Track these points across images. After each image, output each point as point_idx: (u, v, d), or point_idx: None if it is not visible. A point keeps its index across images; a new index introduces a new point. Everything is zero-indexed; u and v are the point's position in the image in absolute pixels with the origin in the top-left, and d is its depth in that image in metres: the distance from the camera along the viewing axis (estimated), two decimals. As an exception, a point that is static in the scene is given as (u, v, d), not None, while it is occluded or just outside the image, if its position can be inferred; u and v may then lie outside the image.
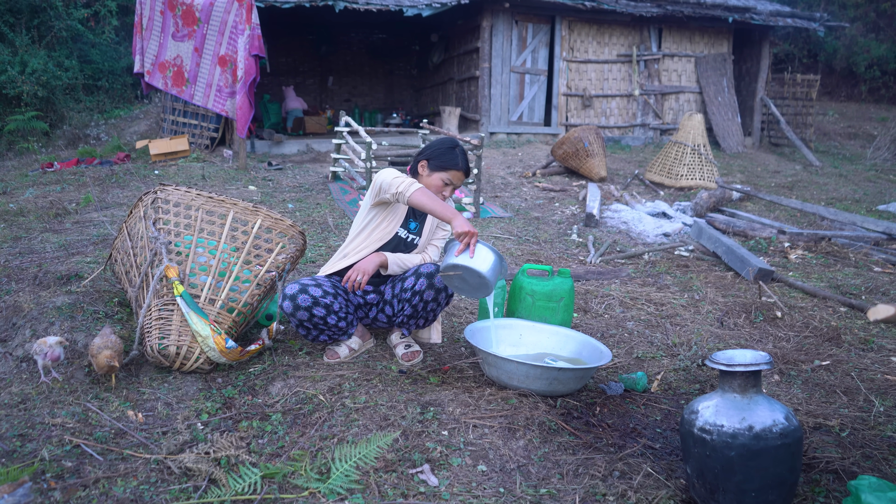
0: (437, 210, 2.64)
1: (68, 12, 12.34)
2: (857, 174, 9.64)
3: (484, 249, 2.59)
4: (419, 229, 3.08)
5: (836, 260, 5.01)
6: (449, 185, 2.96)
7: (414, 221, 3.08)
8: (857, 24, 15.63)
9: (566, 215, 6.40)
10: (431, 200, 2.66)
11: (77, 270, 3.69)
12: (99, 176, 7.35)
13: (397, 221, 3.02)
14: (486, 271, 2.55)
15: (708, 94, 11.53)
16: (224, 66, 7.99)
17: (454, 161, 2.95)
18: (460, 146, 3.03)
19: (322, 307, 2.84)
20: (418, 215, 3.08)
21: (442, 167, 2.94)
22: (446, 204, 2.69)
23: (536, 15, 10.72)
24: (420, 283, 2.87)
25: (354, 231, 3.07)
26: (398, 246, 3.04)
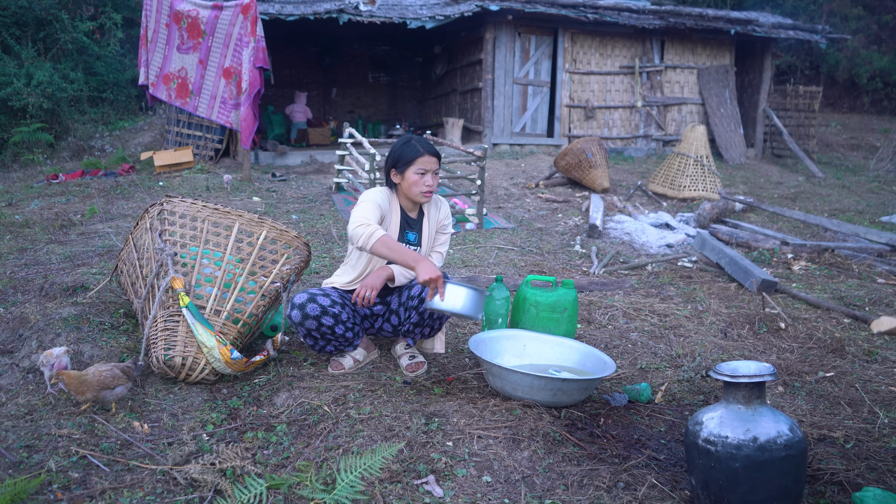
0: (399, 260, 2.63)
1: (74, 25, 12.43)
2: (860, 185, 9.65)
3: (453, 289, 2.60)
4: (418, 239, 3.07)
5: (839, 271, 5.01)
6: (424, 174, 2.90)
7: (411, 232, 3.05)
8: (859, 35, 15.68)
9: (569, 226, 6.41)
10: (391, 251, 2.64)
11: (83, 282, 3.71)
12: (104, 187, 7.38)
13: (392, 235, 2.98)
14: (458, 309, 2.60)
15: (710, 105, 11.56)
16: (229, 77, 8.04)
17: (415, 151, 2.90)
18: (415, 137, 2.99)
19: (330, 317, 2.84)
20: (414, 225, 3.06)
21: (408, 163, 2.89)
22: (407, 251, 2.64)
23: (539, 27, 10.77)
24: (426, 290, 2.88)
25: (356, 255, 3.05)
26: None
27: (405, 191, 2.95)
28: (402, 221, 3.01)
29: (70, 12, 12.67)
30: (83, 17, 12.82)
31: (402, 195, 2.99)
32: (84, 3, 13.21)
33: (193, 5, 8.21)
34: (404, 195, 2.98)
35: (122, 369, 2.57)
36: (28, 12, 11.90)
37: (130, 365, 2.64)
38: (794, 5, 16.04)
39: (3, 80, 10.96)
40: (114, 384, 2.51)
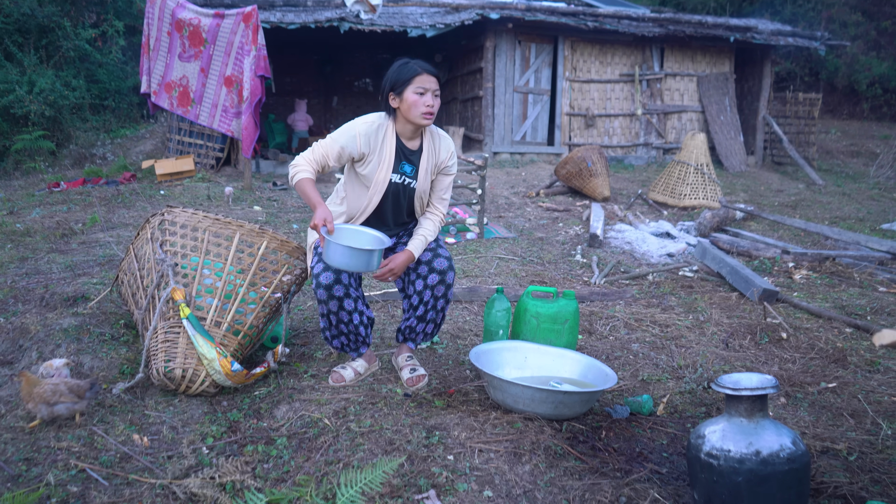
0: (307, 202, 2.70)
1: (76, 32, 12.47)
2: (861, 193, 9.65)
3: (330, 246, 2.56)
4: (415, 172, 2.92)
5: (840, 280, 5.00)
6: (423, 93, 2.76)
7: (408, 164, 2.90)
8: (858, 42, 15.73)
9: (570, 235, 6.41)
10: (302, 194, 2.72)
11: (83, 292, 3.71)
12: (105, 196, 7.39)
13: (387, 167, 2.86)
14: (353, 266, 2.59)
15: (710, 113, 11.58)
16: (230, 86, 8.06)
17: (412, 70, 2.77)
18: (411, 59, 2.90)
19: (352, 300, 2.85)
20: (412, 157, 2.91)
21: (406, 83, 2.76)
22: (312, 198, 2.66)
23: (539, 35, 10.80)
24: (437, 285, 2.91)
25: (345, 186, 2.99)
26: (396, 193, 2.92)
27: (405, 114, 2.80)
28: (398, 152, 2.88)
29: (72, 20, 12.71)
30: (85, 25, 12.86)
31: (401, 121, 2.85)
32: (86, 11, 13.25)
33: (195, 13, 8.23)
34: (404, 120, 2.83)
35: (71, 387, 2.47)
36: (31, 19, 11.94)
37: (82, 384, 2.51)
38: (793, 12, 16.09)
39: (5, 88, 10.98)
40: (54, 400, 2.42)
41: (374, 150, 2.83)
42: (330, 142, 2.83)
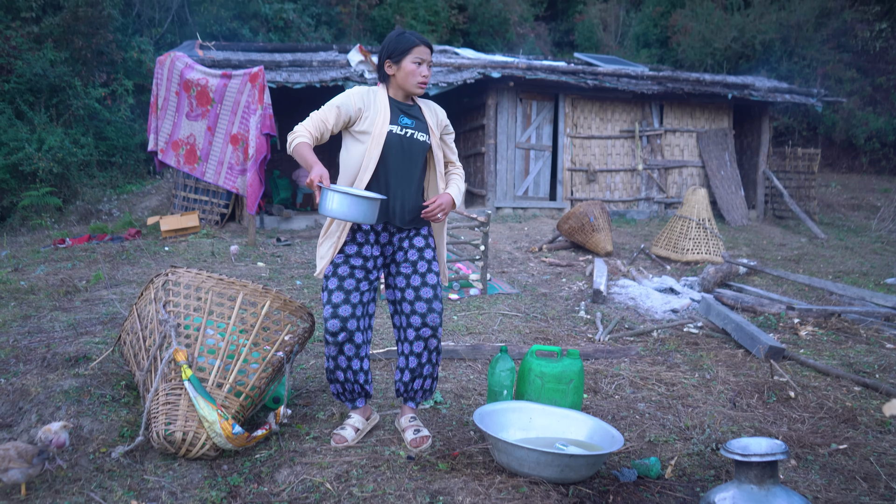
0: (303, 164, 2.71)
1: (86, 91, 12.74)
2: (863, 246, 9.66)
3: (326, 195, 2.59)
4: (416, 125, 2.96)
5: (847, 336, 4.96)
6: (420, 63, 2.88)
7: (406, 117, 2.94)
8: (854, 97, 15.97)
9: (573, 291, 6.40)
10: (299, 157, 2.73)
11: (85, 352, 3.69)
12: (109, 252, 7.42)
13: (384, 118, 2.88)
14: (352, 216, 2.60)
15: (711, 167, 11.69)
16: (236, 144, 8.18)
17: (411, 41, 2.89)
18: (407, 30, 3.01)
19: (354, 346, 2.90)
20: (409, 111, 2.96)
21: (404, 52, 2.86)
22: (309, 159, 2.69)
23: (540, 93, 11.00)
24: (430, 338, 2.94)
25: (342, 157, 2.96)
26: (400, 147, 2.90)
27: (401, 82, 2.91)
28: (394, 108, 2.93)
29: (83, 79, 13.01)
30: (95, 84, 13.16)
31: (394, 87, 2.95)
32: (97, 71, 13.57)
33: (203, 74, 8.42)
34: (398, 86, 2.93)
35: (20, 451, 2.42)
36: (42, 79, 12.22)
37: (30, 448, 2.45)
38: (789, 69, 16.40)
39: (15, 146, 11.16)
40: (3, 466, 2.38)
41: (368, 106, 2.89)
42: (326, 106, 2.87)
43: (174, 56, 8.75)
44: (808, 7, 16.45)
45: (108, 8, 13.06)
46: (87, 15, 12.80)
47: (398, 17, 17.66)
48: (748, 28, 16.80)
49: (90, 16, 12.85)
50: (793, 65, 16.54)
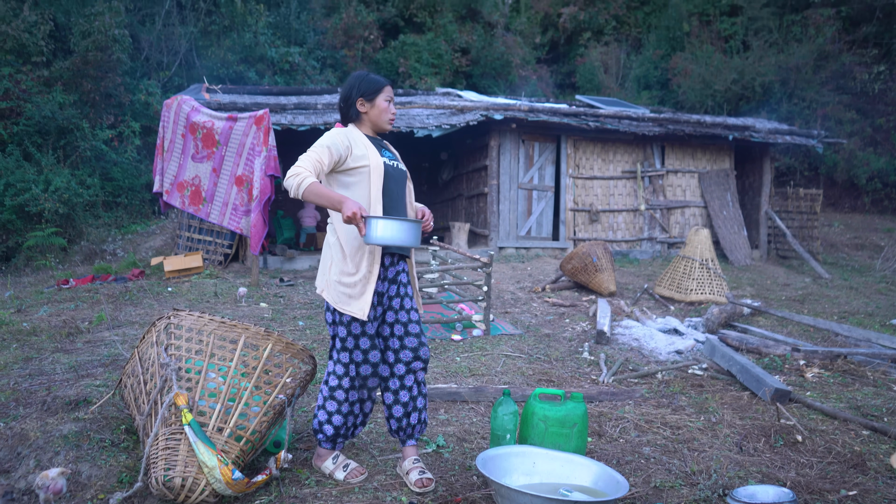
0: (328, 203, 2.70)
1: (94, 133, 12.92)
2: (868, 286, 9.63)
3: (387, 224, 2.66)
4: (394, 157, 3.12)
5: (853, 378, 4.91)
6: (389, 101, 3.04)
7: (387, 150, 3.10)
8: (855, 138, 16.08)
9: (577, 332, 6.37)
10: (320, 196, 2.71)
11: (86, 395, 3.67)
12: (113, 293, 7.43)
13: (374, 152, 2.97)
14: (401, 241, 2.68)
15: (713, 208, 11.74)
16: (240, 185, 8.25)
17: (380, 81, 3.04)
18: (370, 72, 3.12)
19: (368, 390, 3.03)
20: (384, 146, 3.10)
21: (377, 91, 3.00)
22: (333, 194, 2.71)
23: (542, 134, 11.12)
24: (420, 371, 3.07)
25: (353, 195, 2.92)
26: (394, 178, 3.01)
27: (374, 119, 3.03)
28: (373, 143, 3.03)
29: (91, 121, 13.20)
30: (103, 126, 13.34)
31: (366, 125, 3.06)
32: (105, 113, 13.78)
33: (209, 117, 8.54)
34: (371, 123, 3.05)
35: None
36: (51, 122, 12.40)
37: None
38: (790, 110, 16.56)
39: (22, 187, 11.28)
40: None
41: (354, 144, 2.95)
42: (316, 147, 2.87)
43: (181, 99, 8.89)
44: (806, 50, 16.68)
45: (118, 52, 13.32)
46: (96, 59, 13.05)
47: (402, 59, 17.96)
48: (748, 70, 17.02)
49: (99, 60, 13.10)
50: (793, 106, 16.71)
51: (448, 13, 19.60)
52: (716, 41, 18.89)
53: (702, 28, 19.31)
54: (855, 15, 17.48)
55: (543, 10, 22.33)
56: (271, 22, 16.98)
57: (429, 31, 18.92)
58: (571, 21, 21.47)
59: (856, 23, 17.62)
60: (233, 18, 16.26)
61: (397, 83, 18.03)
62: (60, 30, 14.00)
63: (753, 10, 18.40)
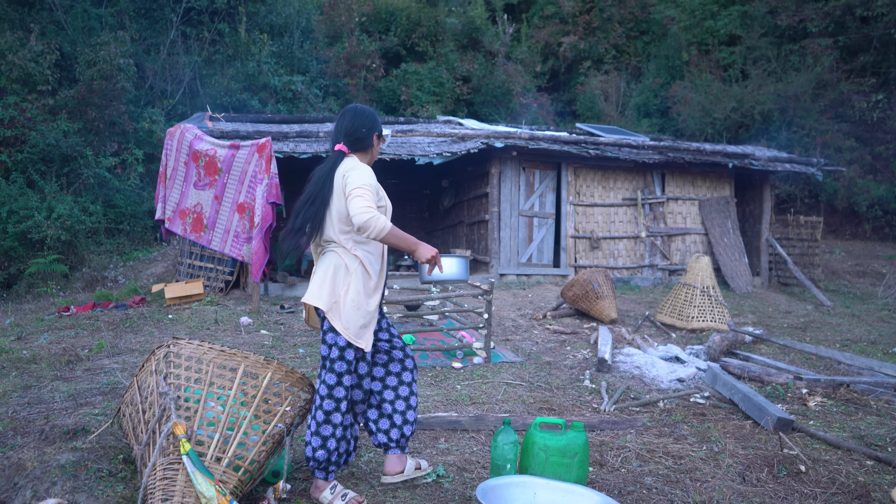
0: (404, 246, 2.98)
1: (97, 160, 13.02)
2: (870, 314, 9.60)
3: (447, 261, 3.18)
4: None
5: (857, 407, 4.88)
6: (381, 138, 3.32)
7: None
8: (854, 166, 16.15)
9: (578, 359, 6.35)
10: (398, 239, 2.95)
11: (84, 424, 3.65)
12: (113, 320, 7.43)
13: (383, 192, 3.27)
14: (454, 276, 3.21)
15: (714, 235, 11.75)
16: (242, 212, 8.29)
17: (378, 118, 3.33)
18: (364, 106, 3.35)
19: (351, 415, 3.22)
20: None
21: (380, 127, 3.28)
22: (409, 237, 3.00)
23: (542, 162, 11.18)
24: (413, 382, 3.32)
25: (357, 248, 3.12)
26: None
27: (374, 155, 3.30)
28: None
29: (95, 149, 13.31)
30: (106, 153, 13.45)
31: (367, 158, 3.26)
32: (108, 140, 13.89)
33: (212, 145, 8.60)
34: (369, 158, 3.27)
35: None
36: (55, 149, 12.50)
37: None
38: (789, 138, 16.66)
39: (24, 214, 11.34)
40: None
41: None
42: (368, 187, 2.97)
43: (184, 128, 8.97)
44: (804, 79, 16.82)
45: (122, 81, 13.47)
46: (101, 88, 13.20)
47: (404, 87, 18.13)
48: (747, 99, 17.16)
49: (104, 89, 13.25)
50: (792, 134, 16.81)
51: (449, 42, 19.83)
52: (715, 70, 19.07)
53: (701, 57, 19.51)
54: (852, 45, 17.67)
55: (544, 40, 22.58)
56: (274, 51, 17.18)
57: (430, 59, 19.12)
58: (572, 50, 21.70)
59: (853, 52, 17.79)
60: (237, 48, 16.46)
61: (399, 111, 18.18)
62: (66, 59, 14.18)
63: (752, 40, 18.60)
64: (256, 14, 17.39)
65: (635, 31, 22.28)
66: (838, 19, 17.74)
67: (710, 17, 19.85)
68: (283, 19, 18.05)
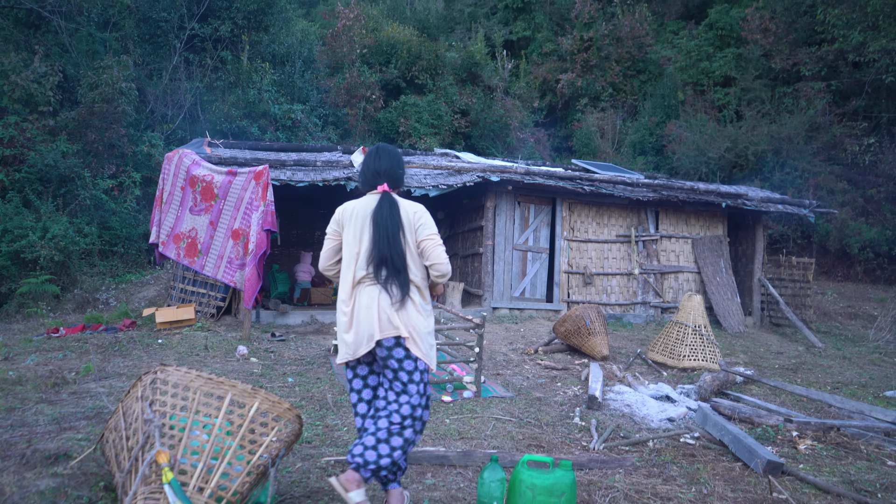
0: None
1: (95, 182, 13.03)
2: (861, 357, 9.60)
3: None
4: None
5: (847, 452, 4.86)
6: None
7: None
8: (846, 208, 16.29)
9: (568, 396, 6.32)
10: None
11: (66, 449, 3.61)
12: (102, 343, 7.38)
13: None
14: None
15: (706, 274, 11.79)
16: (237, 239, 8.29)
17: None
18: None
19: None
20: None
21: None
22: None
23: (538, 197, 11.25)
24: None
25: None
26: None
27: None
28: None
29: (92, 170, 13.33)
30: (104, 175, 13.47)
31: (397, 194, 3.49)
32: (107, 163, 13.92)
33: (209, 171, 8.64)
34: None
35: None
36: (53, 170, 12.52)
37: None
38: (782, 179, 16.81)
39: (19, 233, 11.30)
40: None
41: None
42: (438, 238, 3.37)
43: (182, 153, 9.01)
44: (797, 121, 17.05)
45: (124, 105, 13.56)
46: (102, 110, 13.28)
47: (402, 119, 18.29)
48: (741, 139, 17.35)
49: (105, 111, 13.33)
50: (785, 175, 16.97)
51: (449, 76, 20.06)
52: (710, 110, 19.32)
53: (696, 97, 19.77)
54: (844, 89, 17.95)
55: (542, 76, 22.87)
56: (276, 80, 17.35)
57: (430, 92, 19.33)
58: (569, 87, 21.98)
59: (846, 96, 18.07)
60: (238, 75, 16.61)
61: (397, 142, 18.32)
62: (69, 81, 14.28)
63: (746, 82, 18.89)
64: (259, 43, 17.59)
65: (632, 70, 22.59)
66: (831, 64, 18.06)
67: (706, 58, 20.18)
68: (285, 49, 18.25)
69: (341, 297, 3.31)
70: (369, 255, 3.23)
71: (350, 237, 3.32)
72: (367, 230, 3.26)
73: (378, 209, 3.27)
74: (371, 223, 3.25)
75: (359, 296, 3.23)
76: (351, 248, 3.30)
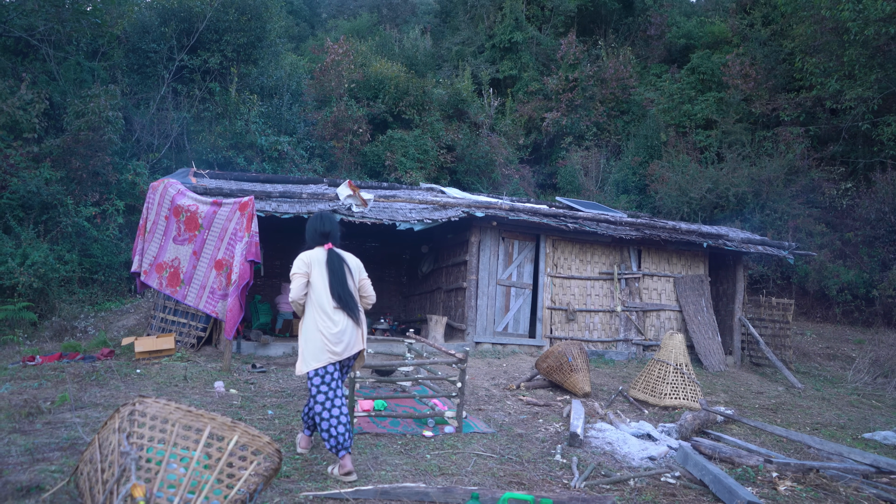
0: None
1: (77, 210, 12.96)
2: (840, 398, 9.67)
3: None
4: None
5: (826, 494, 4.87)
6: None
7: None
8: (825, 250, 16.54)
9: (550, 433, 6.29)
10: None
11: (39, 481, 3.54)
12: (79, 372, 7.27)
13: None
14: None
15: (688, 312, 11.88)
16: (220, 269, 8.26)
17: None
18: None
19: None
20: None
21: None
22: None
23: (522, 233, 11.33)
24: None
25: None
26: None
27: None
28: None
29: (76, 198, 13.26)
30: (87, 203, 13.39)
31: None
32: (90, 190, 13.85)
33: (194, 201, 8.64)
34: None
35: None
36: (35, 197, 12.45)
37: None
38: (762, 220, 17.08)
39: (-3, 260, 11.19)
40: None
41: None
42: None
43: (167, 182, 9.01)
44: (777, 165, 17.39)
45: (109, 133, 13.56)
46: (87, 138, 13.27)
47: (389, 153, 18.43)
48: (722, 181, 17.65)
49: (91, 139, 13.32)
50: (765, 217, 17.25)
51: (435, 112, 20.30)
52: (691, 151, 19.67)
53: (678, 138, 20.14)
54: (822, 134, 18.39)
55: (527, 114, 23.21)
56: (263, 111, 17.45)
57: (416, 127, 19.52)
58: (554, 125, 22.30)
59: (823, 142, 18.51)
60: (226, 106, 16.70)
61: (383, 175, 18.43)
62: (55, 108, 14.27)
63: (727, 125, 19.30)
64: (248, 75, 17.72)
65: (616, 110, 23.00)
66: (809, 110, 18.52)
67: (688, 101, 20.62)
68: (273, 81, 18.41)
69: (321, 319, 4.51)
70: (331, 291, 4.54)
71: (317, 277, 4.55)
72: (325, 274, 4.56)
73: (329, 261, 4.61)
74: (327, 270, 4.57)
75: (337, 317, 4.54)
76: (320, 285, 4.54)
